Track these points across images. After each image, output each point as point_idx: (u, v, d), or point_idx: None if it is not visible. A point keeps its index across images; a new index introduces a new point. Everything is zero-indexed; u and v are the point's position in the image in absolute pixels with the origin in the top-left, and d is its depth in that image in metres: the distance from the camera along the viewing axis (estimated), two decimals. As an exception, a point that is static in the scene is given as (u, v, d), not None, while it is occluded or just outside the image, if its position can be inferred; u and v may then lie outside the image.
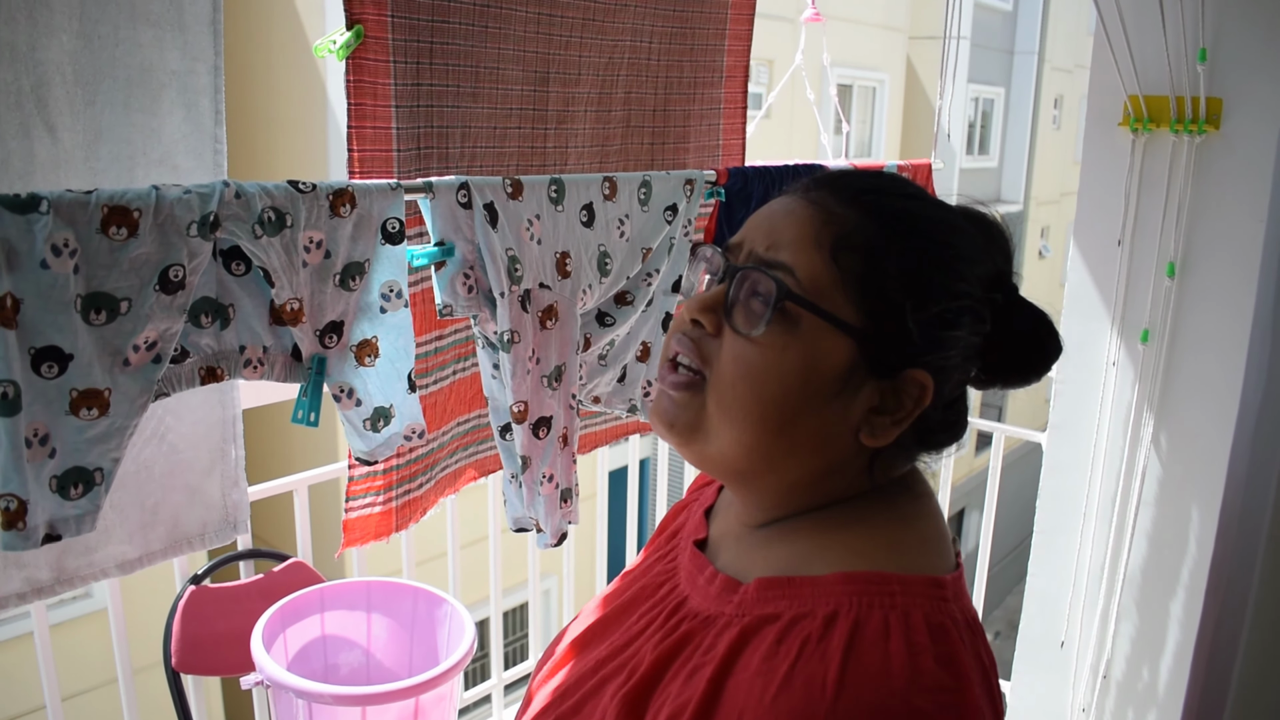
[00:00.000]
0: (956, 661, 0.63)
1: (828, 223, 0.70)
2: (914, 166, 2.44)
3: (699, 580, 0.77)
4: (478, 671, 5.43)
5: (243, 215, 1.08)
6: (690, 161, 1.96)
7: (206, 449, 1.47)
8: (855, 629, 0.63)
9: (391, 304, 1.25)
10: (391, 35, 1.35)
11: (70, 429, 1.00)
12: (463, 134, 1.51)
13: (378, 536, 1.60)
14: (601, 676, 0.76)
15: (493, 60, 1.50)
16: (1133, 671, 2.21)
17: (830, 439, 0.71)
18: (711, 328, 0.72)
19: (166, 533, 1.45)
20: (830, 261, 0.69)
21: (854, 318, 0.69)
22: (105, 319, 1.00)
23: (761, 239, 0.73)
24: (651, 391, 0.71)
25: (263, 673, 1.41)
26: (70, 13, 1.20)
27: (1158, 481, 2.11)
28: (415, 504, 1.64)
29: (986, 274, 0.74)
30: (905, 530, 0.73)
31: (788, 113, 9.44)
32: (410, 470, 1.59)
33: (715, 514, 0.86)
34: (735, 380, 0.70)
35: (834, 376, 0.69)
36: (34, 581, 1.31)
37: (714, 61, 1.92)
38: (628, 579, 0.88)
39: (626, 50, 1.72)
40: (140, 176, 1.29)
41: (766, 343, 0.69)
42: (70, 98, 1.21)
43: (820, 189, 0.73)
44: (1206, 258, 1.98)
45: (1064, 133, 14.93)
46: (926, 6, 12.19)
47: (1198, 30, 1.88)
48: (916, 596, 0.65)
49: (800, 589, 0.68)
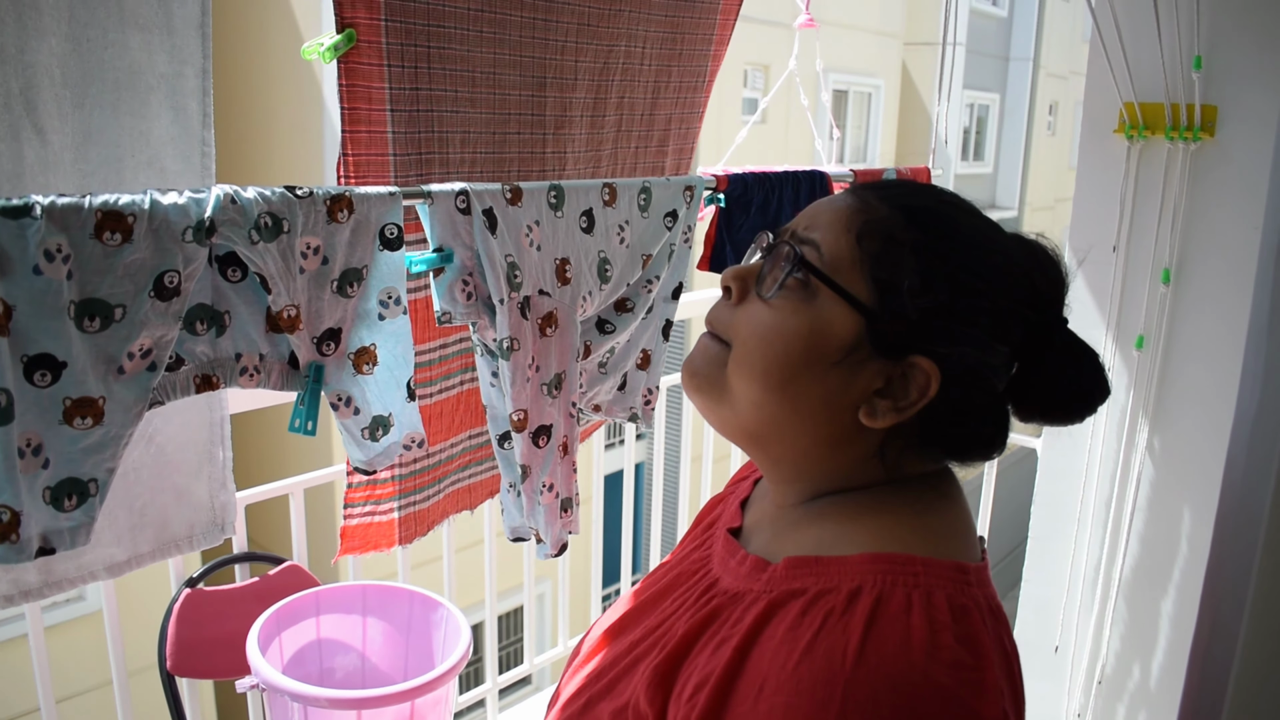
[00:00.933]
0: (977, 641, 0.65)
1: (862, 211, 0.76)
2: (912, 172, 2.44)
3: (730, 563, 0.79)
4: (473, 675, 5.43)
5: (239, 221, 1.07)
6: (668, 166, 1.96)
7: (194, 451, 1.46)
8: (878, 604, 0.65)
9: (390, 311, 1.24)
10: (385, 39, 1.34)
11: (64, 439, 0.99)
12: (462, 139, 1.50)
13: (378, 547, 1.59)
14: (635, 655, 0.78)
15: (489, 65, 1.50)
16: (1128, 677, 2.21)
17: (830, 408, 0.74)
18: (738, 292, 0.79)
19: (154, 535, 1.45)
20: (855, 243, 0.74)
21: (865, 295, 0.73)
22: (99, 326, 0.99)
23: (804, 221, 0.79)
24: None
25: (258, 676, 1.41)
26: (59, 15, 1.19)
27: (1153, 487, 2.11)
28: (421, 517, 1.63)
29: (1020, 289, 0.75)
30: (933, 519, 0.75)
31: (783, 118, 9.45)
32: (416, 481, 1.58)
33: (750, 504, 0.90)
34: (747, 338, 0.76)
35: (837, 346, 0.73)
36: (21, 584, 1.30)
37: (700, 66, 1.92)
38: (663, 569, 0.91)
39: (621, 55, 1.71)
40: (129, 179, 1.29)
41: (779, 305, 0.75)
42: (59, 100, 1.21)
43: (870, 189, 0.79)
44: (1201, 264, 1.98)
45: (1059, 139, 14.97)
46: (921, 12, 12.23)
47: (1193, 38, 1.88)
48: (940, 578, 0.68)
49: (827, 567, 0.70)
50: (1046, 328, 0.77)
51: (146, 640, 1.63)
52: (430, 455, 1.61)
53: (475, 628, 1.68)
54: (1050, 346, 0.77)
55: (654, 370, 1.78)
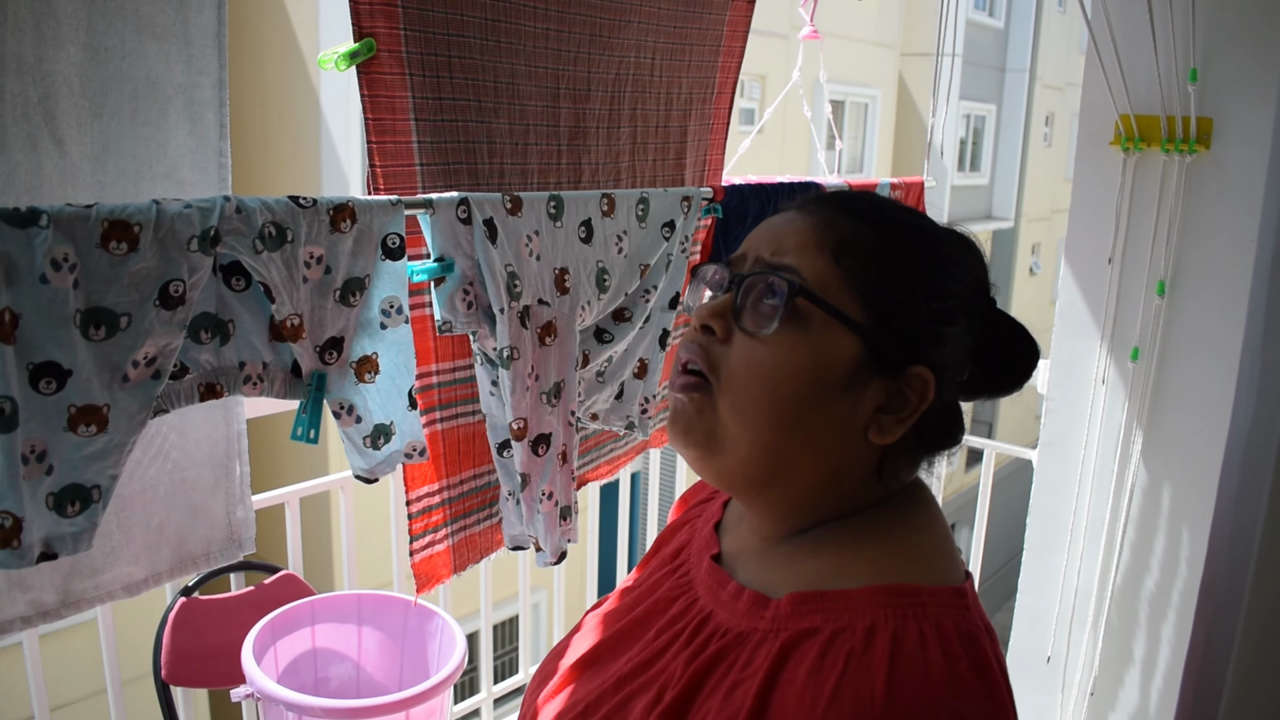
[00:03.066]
0: (988, 668, 0.66)
1: (828, 229, 0.74)
2: (906, 184, 2.46)
3: (721, 595, 0.78)
4: (468, 685, 5.40)
5: (243, 230, 1.08)
6: (687, 178, 1.97)
7: (210, 467, 1.45)
8: (895, 641, 0.65)
9: (392, 320, 1.25)
10: (405, 48, 1.34)
11: (68, 446, 0.99)
12: (489, 150, 1.50)
13: (439, 579, 1.58)
14: (626, 693, 0.76)
15: (508, 75, 1.50)
16: (1122, 689, 2.21)
17: (840, 436, 0.74)
18: (721, 333, 0.75)
19: (172, 553, 1.44)
20: (833, 263, 0.73)
21: (860, 315, 0.72)
22: (105, 334, 1.00)
23: (766, 247, 0.76)
24: (667, 403, 0.73)
25: (253, 685, 1.41)
26: (77, 25, 1.19)
27: (1148, 499, 2.12)
28: (472, 542, 1.62)
29: (970, 279, 0.78)
30: (923, 540, 0.76)
31: (780, 129, 9.47)
32: (465, 505, 1.58)
33: (725, 529, 0.88)
34: (748, 382, 0.73)
35: (842, 372, 0.72)
36: (39, 604, 1.29)
37: (708, 78, 1.93)
38: (630, 596, 0.88)
39: (631, 66, 1.72)
40: (146, 190, 1.29)
41: (776, 341, 0.72)
42: (77, 110, 1.21)
43: (817, 204, 0.78)
44: (1196, 276, 1.99)
45: (1055, 150, 15.02)
46: (918, 23, 12.27)
47: (1188, 50, 1.90)
48: (945, 607, 0.69)
49: (835, 602, 0.70)
50: (991, 311, 0.80)
51: (141, 649, 1.63)
52: (478, 477, 1.60)
53: (470, 637, 1.67)
54: (991, 327, 0.79)
55: (650, 379, 1.78)
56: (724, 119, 2.03)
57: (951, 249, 0.78)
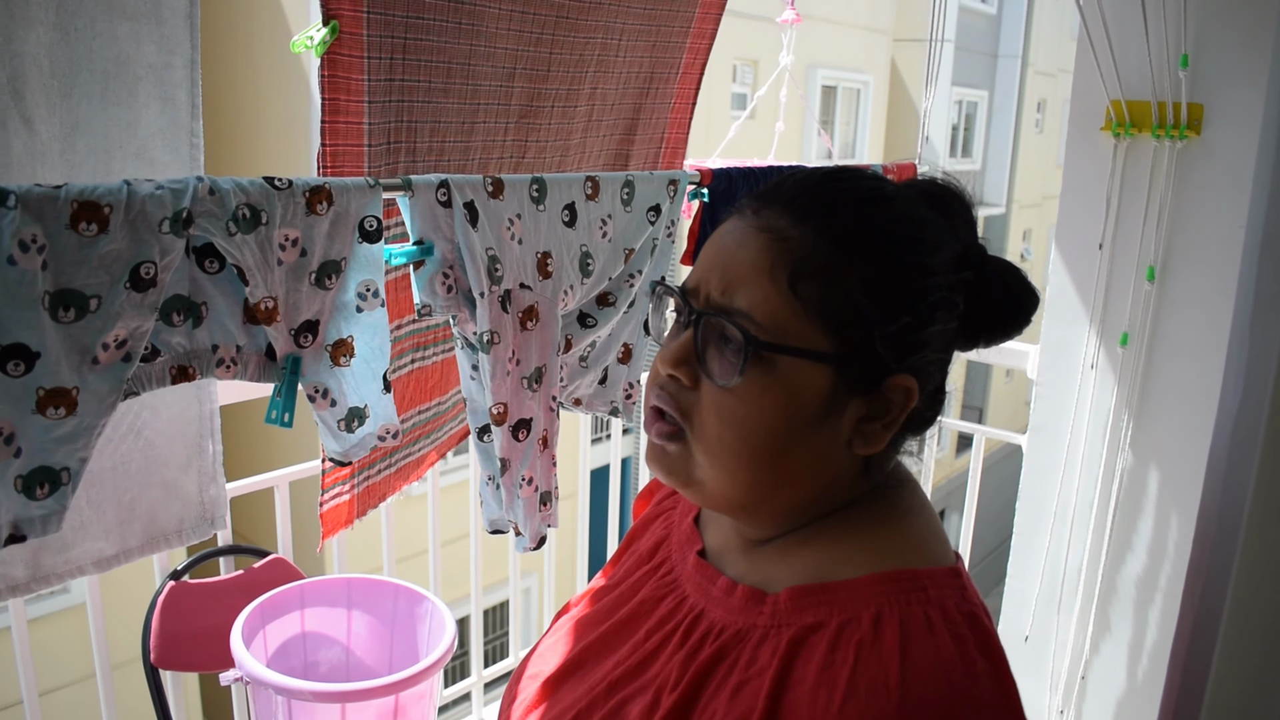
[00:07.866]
0: (992, 646, 0.66)
1: (781, 251, 0.69)
2: (899, 168, 2.45)
3: (713, 592, 0.76)
4: (458, 669, 5.42)
5: (217, 212, 1.06)
6: (635, 153, 1.94)
7: (183, 445, 1.45)
8: (903, 627, 0.65)
9: (368, 303, 1.23)
10: (366, 31, 1.33)
11: (37, 428, 0.98)
12: (431, 129, 1.49)
13: (341, 525, 1.59)
14: (620, 698, 0.75)
15: (464, 56, 1.48)
16: (1110, 672, 2.22)
17: (825, 460, 0.72)
18: (689, 381, 0.72)
19: (143, 529, 1.44)
20: (789, 293, 0.68)
21: (826, 344, 0.68)
22: (74, 316, 0.98)
23: (716, 280, 0.71)
24: (643, 442, 0.72)
25: (242, 669, 1.40)
26: (47, 5, 1.18)
27: (1136, 484, 2.12)
28: (374, 490, 1.63)
29: (954, 255, 0.73)
30: (914, 524, 0.75)
31: (771, 112, 9.45)
32: (370, 458, 1.59)
33: (705, 523, 0.86)
34: (721, 431, 0.70)
35: (817, 404, 0.69)
36: (9, 579, 1.29)
37: (673, 58, 1.91)
38: (609, 597, 0.86)
39: (597, 47, 1.71)
40: (117, 170, 1.27)
41: (745, 389, 0.69)
42: (47, 90, 1.19)
43: (770, 207, 0.71)
44: (1186, 262, 1.99)
45: (1046, 136, 15.03)
46: (911, 9, 12.24)
47: (1180, 36, 1.89)
48: (945, 588, 0.68)
49: (836, 594, 0.69)
50: (980, 273, 0.74)
51: (130, 633, 1.63)
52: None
53: (460, 622, 1.67)
54: (984, 279, 0.74)
55: (635, 364, 1.77)
56: (688, 99, 2.00)
57: (927, 231, 0.72)
